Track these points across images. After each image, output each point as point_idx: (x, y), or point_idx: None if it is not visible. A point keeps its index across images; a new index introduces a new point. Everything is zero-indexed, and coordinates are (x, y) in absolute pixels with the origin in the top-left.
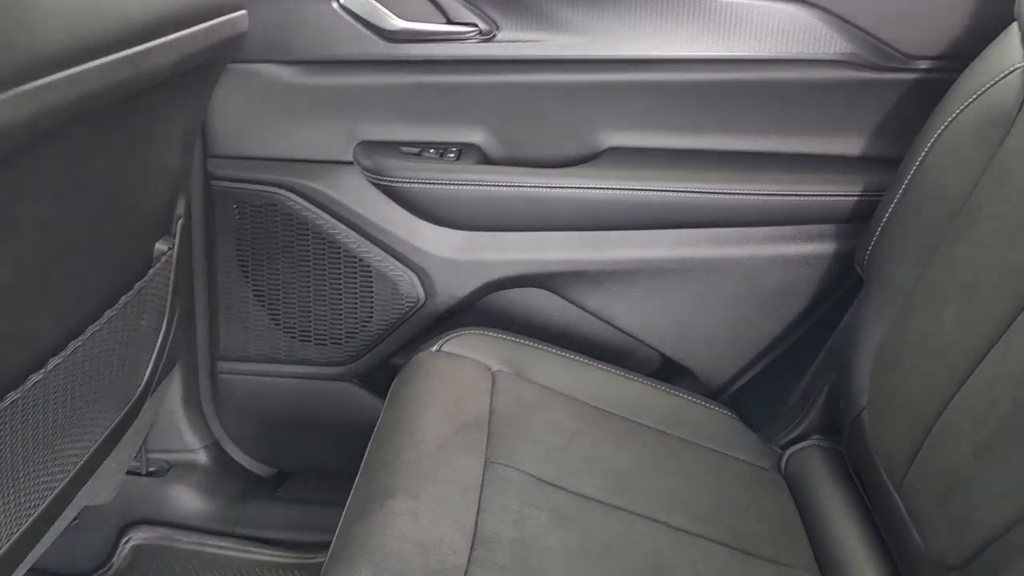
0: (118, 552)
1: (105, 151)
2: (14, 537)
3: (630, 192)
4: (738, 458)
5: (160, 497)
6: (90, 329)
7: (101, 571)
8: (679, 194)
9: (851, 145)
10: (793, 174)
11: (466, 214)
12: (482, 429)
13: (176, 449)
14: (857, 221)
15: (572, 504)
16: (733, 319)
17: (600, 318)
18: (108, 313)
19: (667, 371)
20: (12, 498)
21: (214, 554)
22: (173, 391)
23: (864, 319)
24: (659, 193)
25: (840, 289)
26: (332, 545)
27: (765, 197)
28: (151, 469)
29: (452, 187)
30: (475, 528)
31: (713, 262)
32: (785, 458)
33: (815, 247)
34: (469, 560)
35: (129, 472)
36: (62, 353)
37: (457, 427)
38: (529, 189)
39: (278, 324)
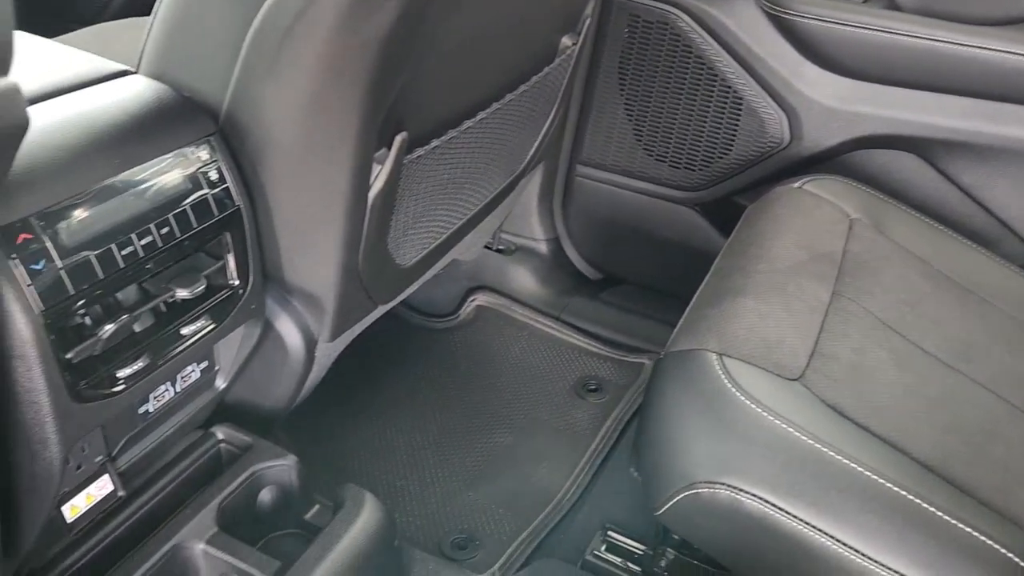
0: (464, 307)
1: None
2: (423, 254)
3: None
4: None
5: (504, 271)
6: (508, 96)
7: (450, 318)
8: None
9: None
10: None
11: (858, 60)
12: (834, 264)
13: (524, 235)
14: None
15: (912, 353)
16: None
17: (972, 197)
18: (521, 87)
19: None
20: (429, 218)
21: (541, 330)
22: (533, 183)
23: None
24: None
25: None
26: (681, 322)
27: None
28: (500, 247)
29: (852, 29)
30: (816, 343)
31: None
32: None
33: None
34: (807, 366)
35: (484, 246)
36: (487, 109)
37: (811, 256)
38: (936, 43)
39: (640, 140)
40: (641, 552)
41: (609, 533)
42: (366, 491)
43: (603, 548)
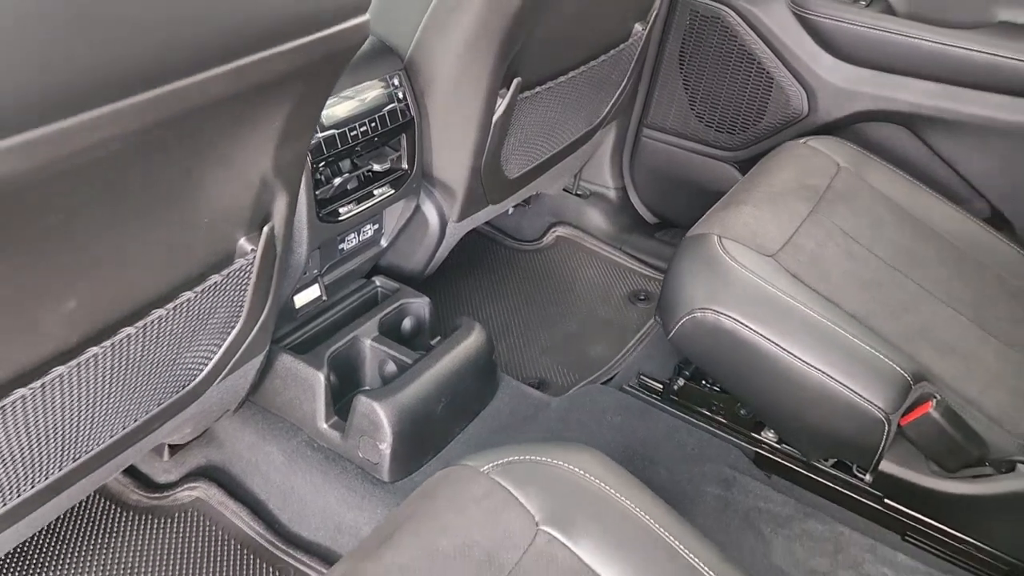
0: (547, 236)
1: None
2: (523, 171)
3: (1006, 60)
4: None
5: (579, 211)
6: (592, 62)
7: (535, 242)
8: None
9: None
10: None
11: (861, 51)
12: (817, 193)
13: (598, 183)
14: None
15: (862, 253)
16: None
17: (945, 162)
18: (601, 57)
19: (995, 224)
20: (530, 145)
21: (606, 256)
22: (608, 141)
23: None
24: None
25: None
26: (696, 224)
27: None
28: (578, 192)
29: (857, 28)
30: (790, 238)
31: None
32: None
33: None
34: (780, 249)
35: (564, 190)
36: (576, 70)
37: (799, 185)
38: (921, 41)
39: (693, 109)
40: (661, 385)
41: (641, 376)
42: (475, 321)
43: (636, 385)
